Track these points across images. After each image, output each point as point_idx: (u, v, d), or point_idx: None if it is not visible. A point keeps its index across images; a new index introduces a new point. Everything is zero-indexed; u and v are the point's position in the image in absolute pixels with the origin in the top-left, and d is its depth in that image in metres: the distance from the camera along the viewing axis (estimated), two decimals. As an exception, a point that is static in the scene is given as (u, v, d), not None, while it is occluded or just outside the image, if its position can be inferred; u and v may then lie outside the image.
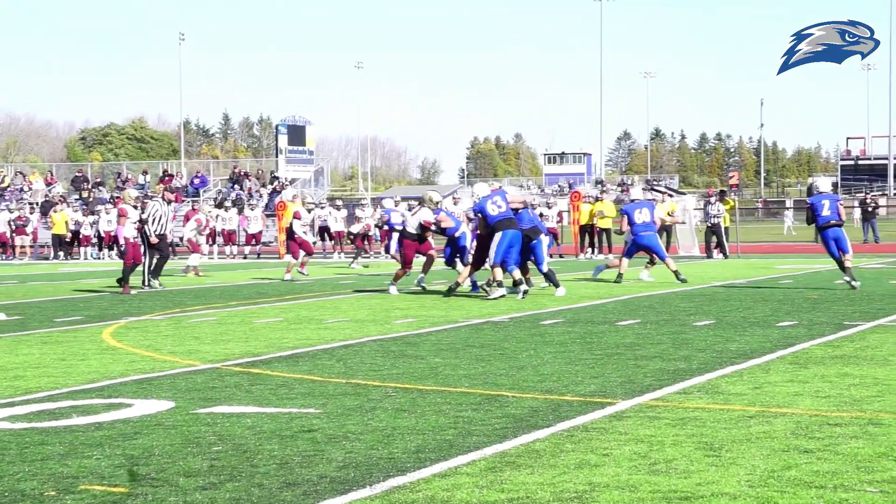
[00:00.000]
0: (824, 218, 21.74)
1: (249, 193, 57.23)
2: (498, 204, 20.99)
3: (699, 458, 7.14)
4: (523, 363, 11.77)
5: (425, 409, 9.07)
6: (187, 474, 6.94)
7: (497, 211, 20.94)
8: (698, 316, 16.58)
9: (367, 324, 16.36)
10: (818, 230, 22.20)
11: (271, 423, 8.56)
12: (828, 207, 21.77)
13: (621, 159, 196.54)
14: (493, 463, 7.11)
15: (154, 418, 8.90)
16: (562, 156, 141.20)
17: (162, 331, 15.93)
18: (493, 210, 20.93)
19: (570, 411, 8.91)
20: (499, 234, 20.75)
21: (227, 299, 21.90)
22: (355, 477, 6.79)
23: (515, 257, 21.02)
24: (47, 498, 6.42)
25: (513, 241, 20.90)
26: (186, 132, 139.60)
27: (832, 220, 21.69)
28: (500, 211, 20.95)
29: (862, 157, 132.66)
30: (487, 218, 20.95)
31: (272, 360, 12.51)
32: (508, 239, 20.80)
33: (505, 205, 21.00)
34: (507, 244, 20.77)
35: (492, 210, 20.92)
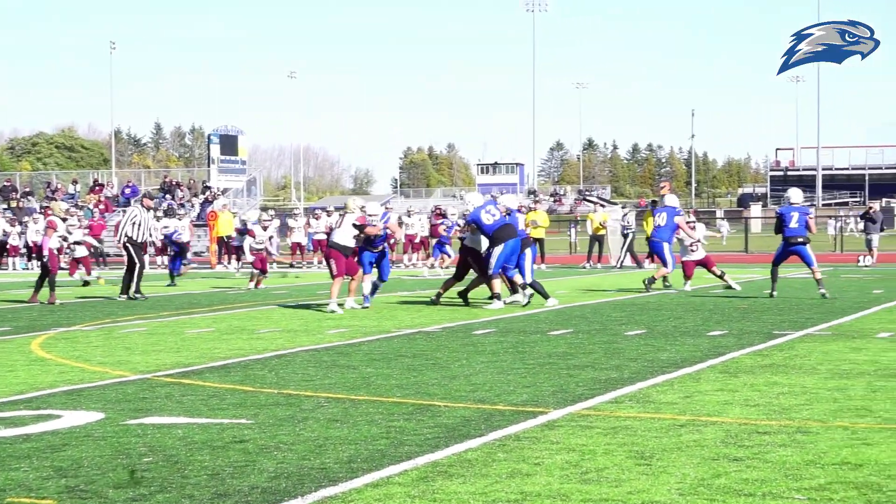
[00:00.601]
0: (791, 231, 21.98)
1: (181, 203, 56.88)
2: (492, 213, 20.86)
3: (630, 467, 7.17)
4: (455, 373, 11.78)
5: (357, 419, 9.06)
6: (117, 486, 6.88)
7: (491, 220, 20.77)
8: (630, 325, 16.67)
9: (300, 334, 16.30)
10: (783, 241, 22.35)
11: (202, 434, 8.51)
12: (796, 220, 21.99)
13: (554, 170, 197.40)
14: (424, 472, 7.10)
15: (83, 430, 8.81)
16: (494, 166, 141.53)
17: (92, 341, 15.79)
18: (488, 219, 20.75)
19: (502, 420, 8.93)
20: (500, 245, 20.56)
21: (159, 310, 21.75)
22: (287, 487, 6.77)
23: (516, 262, 20.87)
24: (-26, 510, 6.35)
25: (513, 249, 20.75)
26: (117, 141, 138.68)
27: (799, 236, 21.91)
28: (494, 220, 20.79)
29: (791, 167, 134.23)
30: (483, 228, 20.75)
31: (203, 370, 12.43)
32: (509, 249, 20.67)
33: (499, 213, 20.88)
34: (507, 254, 20.66)
35: (486, 220, 20.75)
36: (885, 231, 47.06)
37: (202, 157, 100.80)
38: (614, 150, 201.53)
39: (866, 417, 8.93)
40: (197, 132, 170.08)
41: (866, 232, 38.67)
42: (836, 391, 10.26)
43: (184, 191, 59.70)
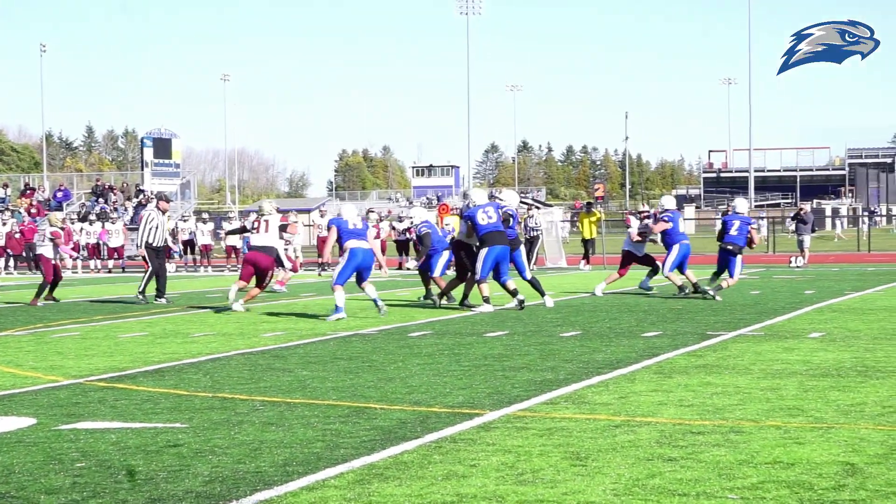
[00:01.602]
0: (729, 237, 22.38)
1: (114, 207, 56.48)
2: (489, 215, 20.64)
3: (566, 468, 7.20)
4: (391, 375, 11.77)
5: (293, 423, 9.03)
6: (49, 492, 6.82)
7: (487, 221, 20.56)
8: (565, 327, 16.73)
9: (235, 337, 16.23)
10: (719, 247, 22.78)
11: (136, 439, 8.45)
12: (737, 228, 22.36)
13: (489, 172, 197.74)
14: (360, 475, 7.09)
15: (14, 435, 8.72)
16: (430, 168, 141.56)
17: (23, 346, 15.63)
18: (483, 220, 20.55)
19: (439, 423, 8.93)
20: (485, 249, 20.38)
21: (92, 314, 21.56)
22: (222, 491, 6.73)
23: (504, 270, 20.70)
24: None
25: (499, 256, 20.50)
26: (49, 145, 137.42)
27: (732, 243, 22.25)
28: (489, 222, 20.57)
29: (724, 169, 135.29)
30: (476, 227, 20.61)
31: (137, 374, 12.34)
32: (495, 254, 20.41)
33: (497, 217, 20.66)
34: (493, 259, 20.42)
35: (482, 219, 20.56)
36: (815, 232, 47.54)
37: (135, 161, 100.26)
38: (549, 152, 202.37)
39: (798, 417, 9.01)
40: (130, 135, 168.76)
41: (798, 233, 39.01)
42: (768, 391, 10.35)
43: (117, 195, 59.28)
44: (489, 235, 20.47)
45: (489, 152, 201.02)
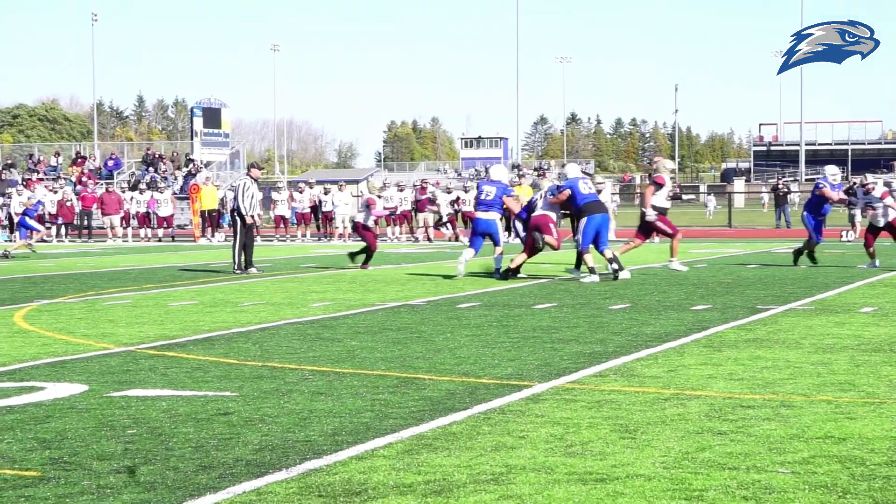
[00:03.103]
0: None
1: (164, 176, 56.74)
2: (588, 185, 20.90)
3: (614, 440, 7.18)
4: (440, 346, 11.78)
5: (342, 392, 9.05)
6: (101, 458, 6.87)
7: (587, 191, 20.77)
8: (614, 300, 16.68)
9: (284, 307, 16.28)
10: None
11: (186, 406, 8.50)
12: None
13: (537, 144, 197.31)
14: (409, 445, 7.11)
15: (67, 402, 8.80)
16: (478, 140, 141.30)
17: (75, 314, 15.75)
18: (584, 189, 20.74)
19: (487, 394, 8.93)
20: (584, 218, 20.52)
21: (142, 282, 21.70)
22: (271, 460, 6.76)
23: (604, 238, 20.78)
24: (-42, 482, 6.33)
25: (600, 225, 20.65)
26: (100, 114, 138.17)
27: None
28: (589, 192, 20.79)
29: (774, 143, 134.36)
30: (577, 196, 20.65)
31: (187, 343, 12.41)
32: (596, 223, 20.57)
33: (593, 188, 20.92)
34: (594, 229, 20.55)
35: (582, 189, 20.71)
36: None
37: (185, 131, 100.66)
38: (598, 124, 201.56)
39: (849, 392, 8.95)
40: (180, 105, 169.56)
41: (849, 207, 38.68)
42: (819, 365, 10.28)
43: (166, 164, 59.51)
44: (590, 204, 20.64)
45: (538, 124, 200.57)
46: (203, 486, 6.18)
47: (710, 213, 69.20)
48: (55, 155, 64.25)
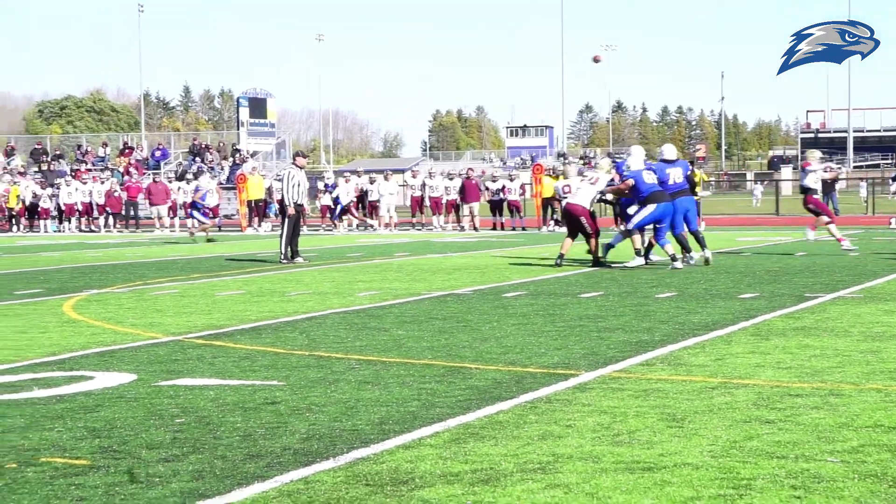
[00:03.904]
0: None
1: (210, 166, 56.97)
2: (651, 175, 20.69)
3: (662, 429, 7.16)
4: (486, 335, 11.78)
5: (389, 381, 9.07)
6: (150, 446, 6.91)
7: (651, 180, 20.58)
8: (660, 288, 16.62)
9: (330, 296, 16.32)
10: None
11: (234, 396, 8.54)
12: None
13: (583, 132, 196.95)
14: (456, 434, 7.11)
15: (116, 391, 8.85)
16: (524, 129, 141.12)
17: (123, 303, 15.85)
18: (649, 179, 20.56)
19: (534, 383, 8.92)
20: (651, 206, 20.38)
21: (189, 272, 21.81)
22: (319, 449, 6.78)
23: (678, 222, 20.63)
24: (8, 471, 6.39)
25: (663, 214, 20.48)
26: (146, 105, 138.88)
27: None
28: (652, 182, 20.58)
29: (822, 130, 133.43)
30: (639, 186, 20.45)
31: (235, 332, 12.46)
32: (659, 211, 20.41)
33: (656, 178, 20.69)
34: (654, 217, 20.41)
35: (647, 179, 20.54)
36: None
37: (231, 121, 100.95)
38: (644, 112, 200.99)
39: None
40: (226, 95, 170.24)
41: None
42: (868, 353, 10.21)
43: (213, 154, 59.77)
44: (655, 194, 20.49)
45: (583, 112, 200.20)
46: (251, 475, 6.21)
47: (757, 201, 68.81)
48: (103, 146, 64.67)
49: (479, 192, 42.15)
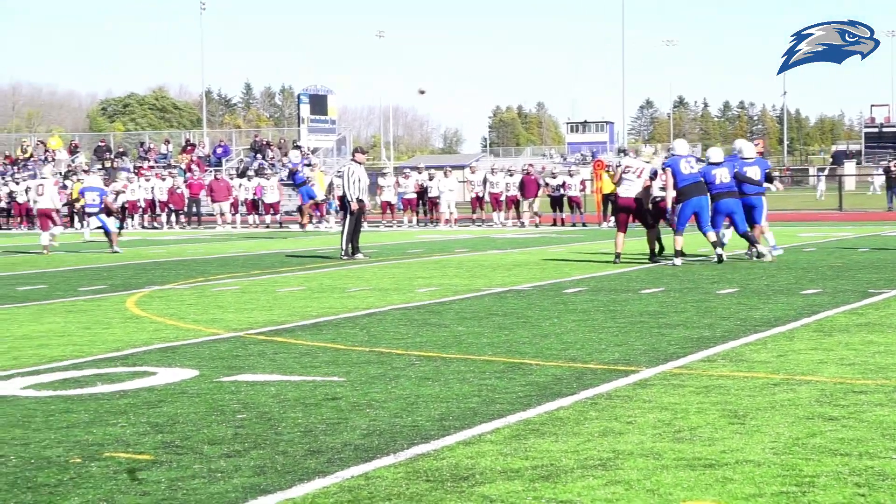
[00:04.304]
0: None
1: (272, 163, 57.23)
2: (691, 165, 20.52)
3: (723, 426, 7.12)
4: (546, 331, 11.76)
5: (449, 377, 9.07)
6: (212, 442, 6.96)
7: (688, 171, 20.40)
8: (722, 284, 16.52)
9: (390, 292, 16.36)
10: None
11: (295, 391, 8.58)
12: None
13: (644, 128, 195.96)
14: (516, 430, 7.10)
15: (178, 386, 8.92)
16: (584, 124, 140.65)
17: (185, 300, 15.96)
18: (685, 169, 20.38)
19: (594, 379, 8.90)
20: (680, 205, 20.31)
21: (250, 268, 21.93)
22: (379, 444, 6.80)
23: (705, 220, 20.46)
24: (73, 465, 6.45)
25: (697, 207, 20.35)
26: (208, 102, 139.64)
27: None
28: (690, 172, 20.41)
29: (886, 124, 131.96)
30: (676, 177, 20.35)
31: (295, 328, 12.52)
32: (693, 207, 20.31)
33: (697, 169, 20.53)
34: (691, 210, 20.31)
35: (683, 169, 20.37)
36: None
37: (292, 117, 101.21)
38: (705, 107, 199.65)
39: (965, 377, 8.78)
40: (286, 92, 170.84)
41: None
42: (933, 350, 10.10)
43: (274, 151, 60.05)
44: (688, 187, 20.35)
45: (644, 108, 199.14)
46: (312, 471, 6.23)
47: (821, 195, 68.21)
48: (165, 143, 65.15)
49: (538, 187, 42.06)
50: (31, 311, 14.88)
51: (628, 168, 21.33)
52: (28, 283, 19.09)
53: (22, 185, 50.32)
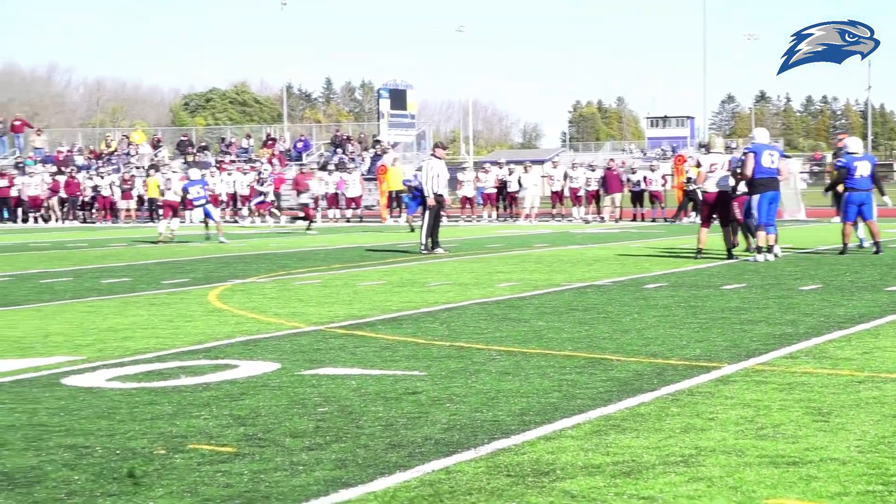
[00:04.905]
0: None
1: (352, 157, 57.45)
2: (773, 159, 20.28)
3: (807, 423, 7.05)
4: (627, 327, 11.71)
5: (529, 372, 9.06)
6: (293, 435, 7.00)
7: (769, 165, 20.12)
8: (805, 280, 16.36)
9: (470, 287, 16.36)
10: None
11: (376, 385, 8.60)
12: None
13: (725, 122, 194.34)
14: (597, 426, 7.08)
15: (260, 379, 8.98)
16: (665, 119, 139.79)
17: (267, 293, 16.07)
18: (766, 162, 20.11)
19: (676, 375, 8.85)
20: (757, 196, 20.07)
21: (331, 262, 22.03)
22: (460, 439, 6.80)
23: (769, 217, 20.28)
24: (157, 456, 6.52)
25: (770, 201, 20.16)
26: (289, 96, 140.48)
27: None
28: (771, 166, 20.14)
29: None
30: (756, 166, 19.99)
31: (376, 322, 12.56)
32: (767, 201, 20.07)
33: (778, 163, 20.35)
34: (767, 203, 20.06)
35: (765, 161, 20.09)
36: None
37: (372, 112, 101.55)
38: (787, 102, 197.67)
39: None
40: (366, 87, 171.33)
41: None
42: None
43: (354, 145, 60.25)
44: (764, 179, 20.10)
45: (725, 103, 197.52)
46: (393, 464, 6.25)
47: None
48: (246, 137, 65.55)
49: (621, 183, 41.90)
50: (115, 303, 15.05)
51: (713, 165, 21.18)
52: (113, 276, 19.32)
53: (107, 179, 50.94)
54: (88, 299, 15.60)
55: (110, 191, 50.40)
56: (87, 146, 64.38)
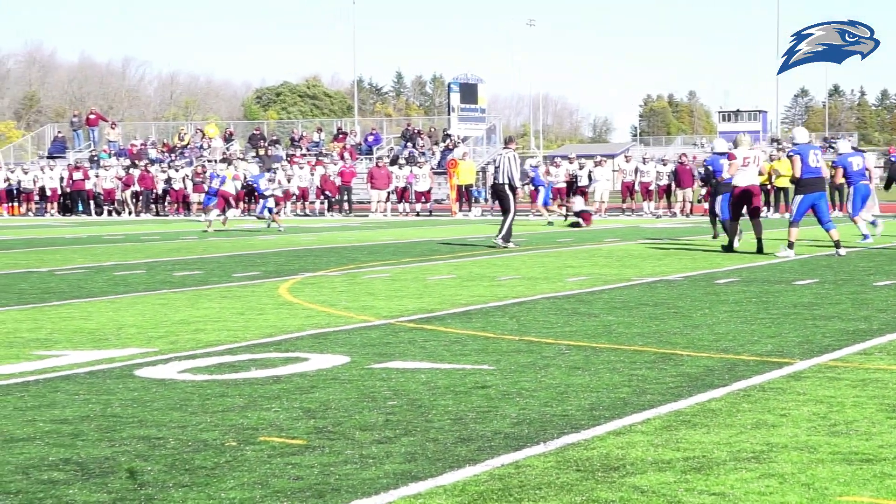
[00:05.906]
0: None
1: (422, 151, 57.52)
2: (818, 158, 20.03)
3: (881, 420, 6.97)
4: (698, 322, 11.64)
5: (599, 367, 9.03)
6: (363, 428, 7.02)
7: (814, 164, 19.90)
8: (879, 276, 16.19)
9: (540, 281, 16.34)
10: None
11: (445, 379, 8.61)
12: None
13: (797, 117, 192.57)
14: (668, 421, 7.04)
15: (330, 372, 9.02)
16: (736, 113, 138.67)
17: (337, 286, 16.13)
18: (811, 162, 19.88)
19: (747, 371, 8.79)
20: (800, 196, 19.93)
21: (400, 256, 22.08)
22: (529, 433, 6.79)
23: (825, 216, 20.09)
24: (228, 448, 6.56)
25: (815, 202, 19.95)
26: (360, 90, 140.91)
27: None
28: (815, 165, 19.93)
29: None
30: (803, 167, 19.79)
31: (445, 316, 12.57)
32: (811, 201, 19.89)
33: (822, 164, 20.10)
34: (808, 205, 19.90)
35: (810, 161, 19.86)
36: None
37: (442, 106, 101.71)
38: (862, 96, 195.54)
39: None
40: (437, 81, 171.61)
41: None
42: None
43: (424, 139, 60.31)
44: (809, 179, 19.87)
45: (798, 97, 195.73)
46: (462, 458, 6.25)
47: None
48: (317, 131, 65.81)
49: (692, 178, 41.67)
50: (187, 296, 15.17)
51: (746, 159, 21.02)
52: (185, 269, 19.47)
53: (180, 172, 51.34)
54: (161, 292, 15.74)
55: (183, 184, 50.78)
56: (160, 139, 64.95)
